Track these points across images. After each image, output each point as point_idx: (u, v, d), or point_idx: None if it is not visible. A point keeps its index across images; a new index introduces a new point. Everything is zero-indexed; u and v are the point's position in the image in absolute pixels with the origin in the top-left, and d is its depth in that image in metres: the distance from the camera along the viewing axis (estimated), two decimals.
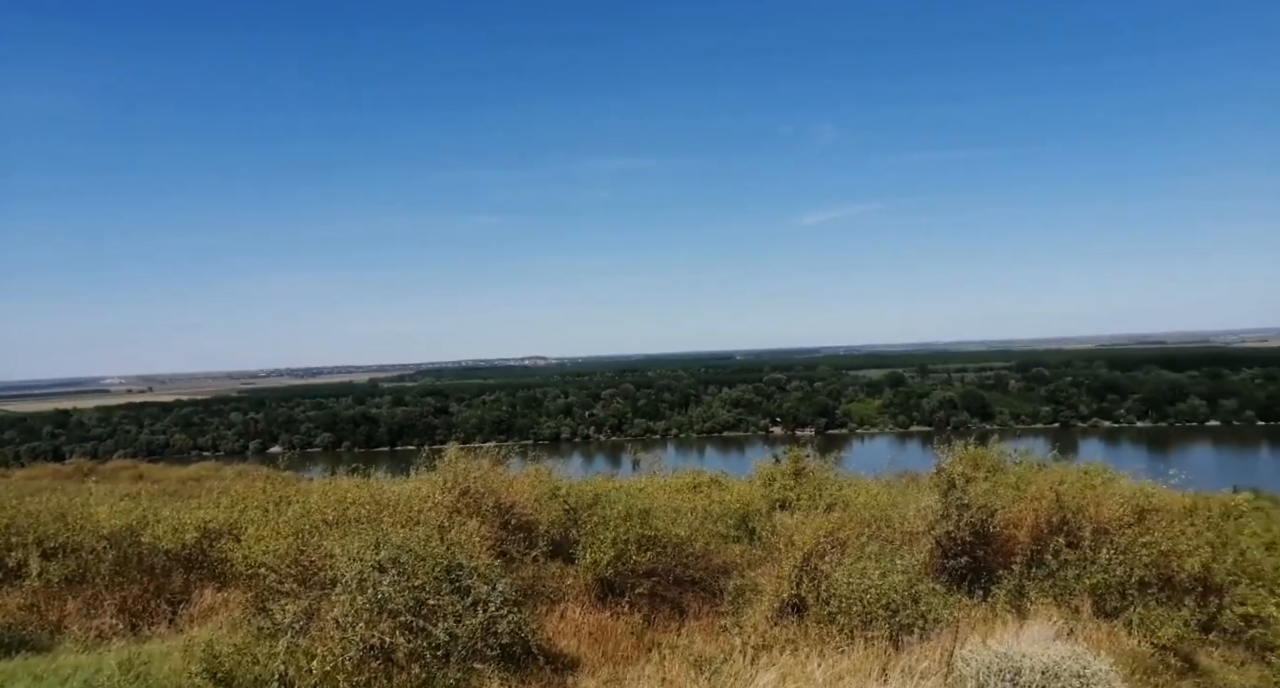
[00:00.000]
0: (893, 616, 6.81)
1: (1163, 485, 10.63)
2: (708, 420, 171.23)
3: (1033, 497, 10.32)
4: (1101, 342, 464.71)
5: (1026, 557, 9.23)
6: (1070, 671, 4.85)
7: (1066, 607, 7.91)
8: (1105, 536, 9.10)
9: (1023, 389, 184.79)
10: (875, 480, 19.43)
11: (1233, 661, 7.32)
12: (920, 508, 10.94)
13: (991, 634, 6.35)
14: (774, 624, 8.34)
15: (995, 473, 12.69)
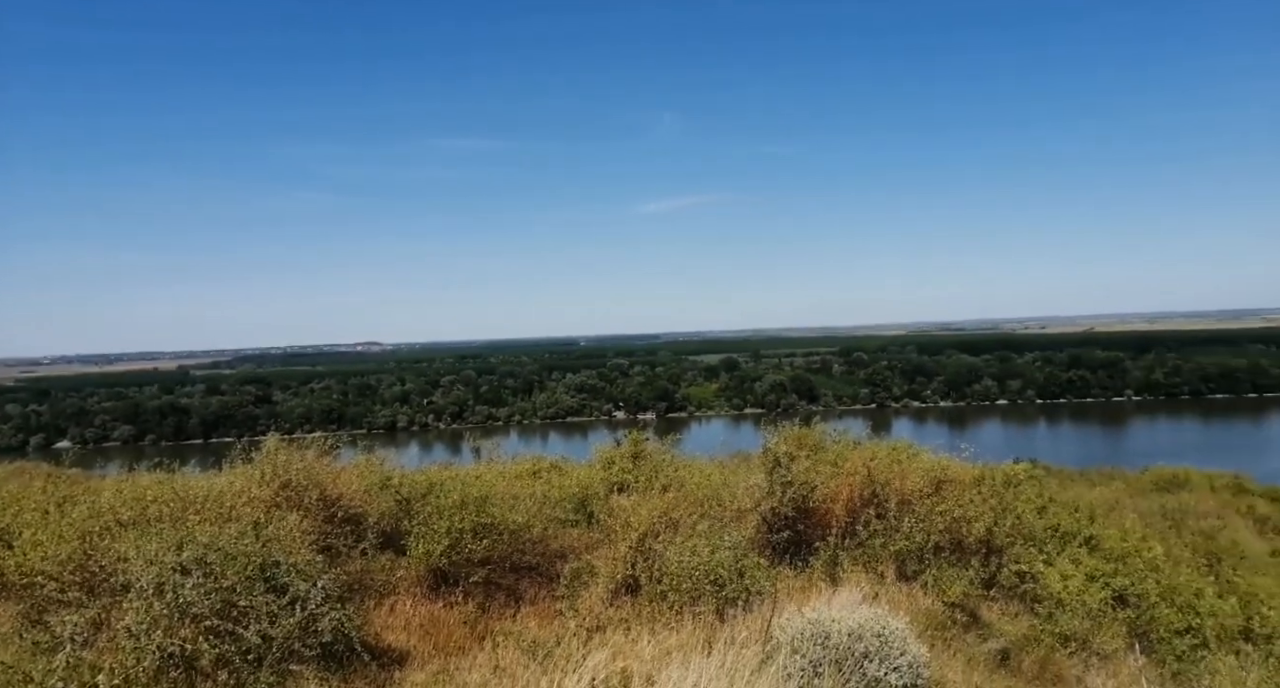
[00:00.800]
0: (719, 590, 7.12)
1: (956, 459, 11.78)
2: (551, 406, 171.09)
3: (848, 472, 11.11)
4: (912, 328, 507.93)
5: (841, 528, 9.95)
6: (872, 631, 5.29)
7: (874, 573, 8.61)
8: (908, 506, 9.98)
9: (844, 373, 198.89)
10: (710, 461, 20.23)
11: (1008, 613, 8.28)
12: (748, 486, 11.51)
13: (807, 602, 6.79)
14: (609, 605, 8.49)
15: (817, 451, 13.53)
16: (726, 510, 11.16)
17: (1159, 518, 20.11)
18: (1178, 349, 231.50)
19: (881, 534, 9.39)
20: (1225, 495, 28.65)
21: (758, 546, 9.73)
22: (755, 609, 6.67)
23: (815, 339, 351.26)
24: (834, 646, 5.25)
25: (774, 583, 7.43)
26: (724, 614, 6.75)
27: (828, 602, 6.60)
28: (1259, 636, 9.58)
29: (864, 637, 5.24)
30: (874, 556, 8.98)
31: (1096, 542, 12.09)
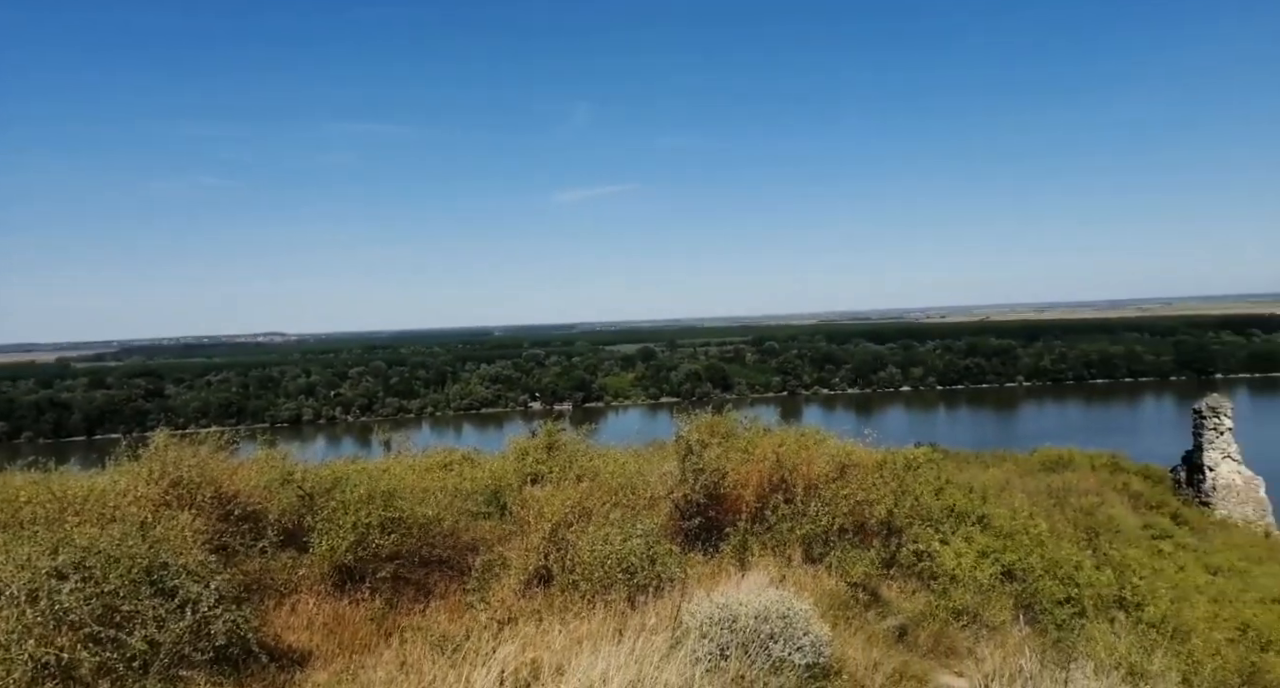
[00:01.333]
0: (631, 578, 7.17)
1: (860, 444, 12.21)
2: (465, 398, 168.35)
3: (758, 459, 11.37)
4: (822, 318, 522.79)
5: (751, 513, 10.17)
6: (777, 613, 5.44)
7: (782, 556, 8.85)
8: (815, 490, 10.29)
9: (757, 361, 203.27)
10: (626, 450, 20.34)
11: (907, 590, 8.67)
12: (662, 474, 11.64)
13: (717, 587, 6.92)
14: (522, 597, 8.44)
15: (728, 439, 13.78)
16: (640, 499, 11.24)
17: (1045, 496, 21.40)
18: (1063, 337, 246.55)
19: (789, 519, 9.64)
20: (1104, 474, 30.76)
21: (670, 533, 9.84)
22: (666, 596, 6.75)
23: (730, 328, 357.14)
24: (741, 629, 5.37)
25: (684, 569, 7.54)
26: (635, 602, 6.81)
27: (736, 586, 6.74)
28: (1130, 603, 10.35)
29: (769, 619, 5.38)
30: (782, 539, 9.22)
31: (988, 520, 12.78)
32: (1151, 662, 6.67)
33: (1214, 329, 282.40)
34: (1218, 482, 34.55)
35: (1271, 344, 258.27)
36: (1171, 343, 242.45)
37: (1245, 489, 34.72)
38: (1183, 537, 21.65)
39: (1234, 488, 34.57)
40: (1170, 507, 27.88)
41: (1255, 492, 34.76)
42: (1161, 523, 23.13)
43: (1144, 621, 9.57)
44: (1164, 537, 20.46)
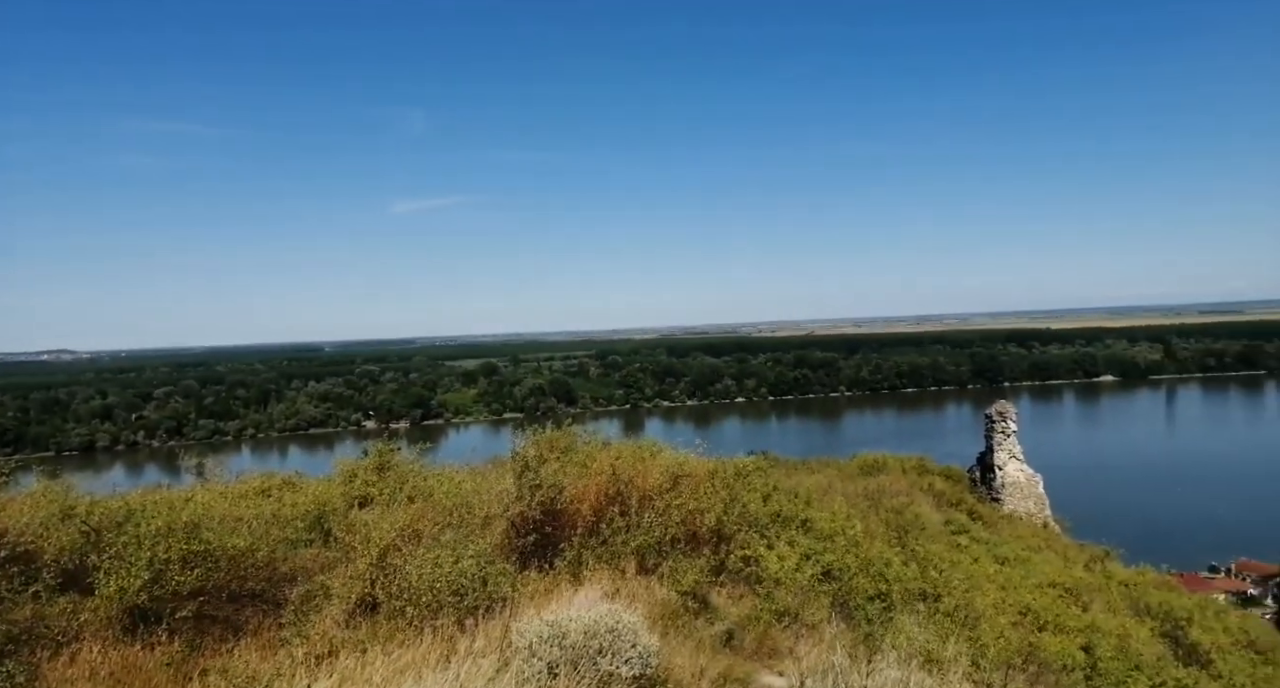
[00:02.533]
0: (461, 601, 6.98)
1: (693, 454, 12.60)
2: (292, 417, 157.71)
3: (595, 473, 11.44)
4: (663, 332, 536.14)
5: (587, 528, 10.21)
6: (606, 626, 5.48)
7: (616, 569, 8.93)
8: (649, 502, 10.49)
9: (601, 375, 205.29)
10: (463, 469, 19.82)
11: (735, 596, 9.02)
12: (498, 492, 11.43)
13: (550, 605, 6.87)
14: (345, 628, 7.98)
15: (567, 453, 13.78)
16: (476, 518, 10.99)
17: (862, 499, 22.98)
18: (879, 350, 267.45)
19: (624, 531, 9.76)
20: (913, 476, 33.55)
21: (505, 551, 9.68)
22: (498, 617, 6.62)
23: (574, 343, 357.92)
24: (570, 645, 5.36)
25: (517, 588, 7.44)
26: (465, 625, 6.63)
27: (569, 602, 6.73)
28: (931, 595, 11.32)
29: (598, 634, 5.41)
30: (617, 552, 9.32)
31: (811, 524, 13.55)
32: (945, 648, 7.32)
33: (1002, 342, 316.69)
34: (1006, 480, 38.68)
35: (1048, 356, 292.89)
36: (968, 355, 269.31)
37: (1028, 486, 39.10)
38: (977, 531, 23.96)
39: (1019, 485, 38.84)
40: (967, 504, 30.83)
41: (1036, 488, 39.23)
42: (960, 519, 25.47)
43: (941, 611, 10.49)
44: (961, 532, 22.55)
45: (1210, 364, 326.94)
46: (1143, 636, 14.51)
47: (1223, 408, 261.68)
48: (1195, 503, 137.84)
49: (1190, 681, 11.26)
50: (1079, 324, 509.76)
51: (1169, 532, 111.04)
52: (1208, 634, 15.68)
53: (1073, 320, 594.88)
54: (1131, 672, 10.59)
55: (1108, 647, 12.02)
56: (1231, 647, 15.53)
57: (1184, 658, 14.23)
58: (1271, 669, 15.15)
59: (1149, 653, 13.13)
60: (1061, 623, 13.58)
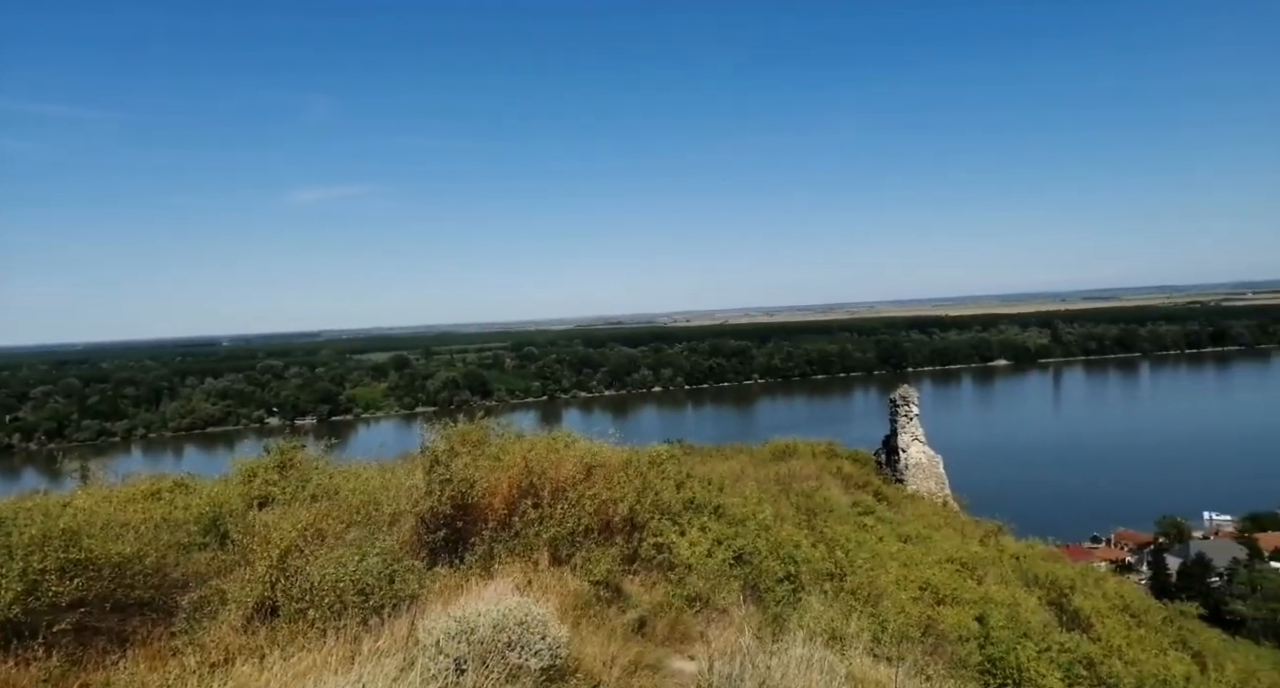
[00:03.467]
0: (366, 600, 6.79)
1: (607, 444, 12.61)
2: (187, 416, 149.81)
3: (508, 466, 11.30)
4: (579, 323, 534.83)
5: (499, 521, 10.09)
6: (515, 620, 5.43)
7: (529, 562, 8.87)
8: (562, 493, 10.44)
9: (517, 367, 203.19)
10: (373, 465, 19.27)
11: (648, 583, 9.10)
12: (407, 487, 11.17)
13: (459, 600, 6.76)
14: (243, 634, 7.64)
15: (479, 447, 13.58)
16: (383, 515, 10.71)
17: (773, 483, 23.55)
18: (789, 338, 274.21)
19: (537, 523, 9.70)
20: (822, 460, 34.62)
21: (414, 548, 9.47)
22: (405, 615, 6.47)
23: (489, 334, 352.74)
24: (479, 640, 5.29)
25: (424, 585, 7.29)
26: (371, 625, 6.45)
27: (479, 596, 6.63)
28: (837, 574, 11.72)
29: (507, 627, 5.36)
30: (529, 544, 9.25)
31: (723, 510, 13.79)
32: (849, 625, 7.58)
33: (905, 330, 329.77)
34: (909, 461, 40.41)
35: (947, 342, 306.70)
36: (874, 342, 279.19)
37: (929, 466, 40.97)
38: (882, 511, 24.93)
39: (921, 466, 40.64)
40: (874, 485, 32.04)
41: (936, 468, 41.15)
42: (866, 500, 26.45)
43: (845, 589, 10.88)
44: (868, 512, 23.41)
45: (1092, 347, 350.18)
46: (1031, 604, 15.44)
47: (1102, 389, 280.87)
48: (1079, 478, 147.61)
49: (1072, 644, 12.04)
50: (975, 311, 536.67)
51: (1056, 506, 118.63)
52: (1089, 600, 16.82)
53: (970, 308, 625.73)
54: (1020, 639, 11.25)
55: (1000, 616, 12.72)
56: (1109, 611, 16.71)
57: (1067, 623, 15.22)
58: (1144, 631, 16.39)
59: (1036, 620, 13.98)
60: (958, 596, 14.28)
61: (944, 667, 9.24)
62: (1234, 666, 17.08)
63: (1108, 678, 11.10)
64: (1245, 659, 20.67)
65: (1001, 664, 10.41)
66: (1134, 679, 11.19)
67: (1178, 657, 14.53)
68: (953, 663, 9.91)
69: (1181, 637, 17.56)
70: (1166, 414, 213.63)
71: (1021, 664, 10.30)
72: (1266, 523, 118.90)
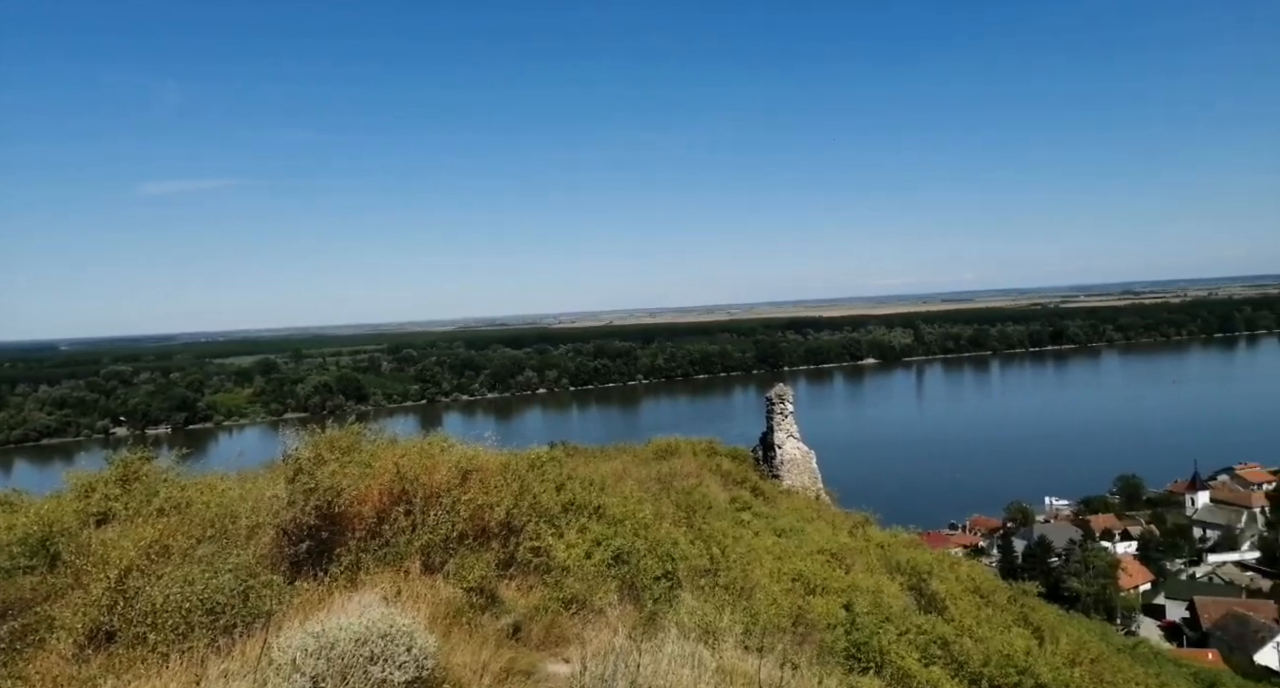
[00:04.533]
0: (216, 620, 6.34)
1: (484, 447, 12.37)
2: (18, 427, 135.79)
3: (379, 472, 10.88)
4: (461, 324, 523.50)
5: (368, 530, 9.69)
6: (378, 632, 5.21)
7: (399, 571, 8.56)
8: (437, 499, 10.15)
9: (394, 370, 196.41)
10: (232, 476, 18.11)
11: (525, 588, 8.98)
12: (267, 498, 10.54)
13: (325, 614, 6.44)
14: (76, 664, 6.97)
15: (349, 453, 13.00)
16: (240, 528, 10.06)
17: (654, 482, 23.82)
18: (673, 339, 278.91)
19: (409, 531, 9.39)
20: (703, 457, 35.31)
21: (274, 562, 8.94)
22: (257, 633, 6.09)
23: (364, 336, 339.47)
24: (339, 655, 5.04)
25: (283, 601, 6.89)
26: (219, 646, 6.03)
27: (342, 609, 6.33)
28: (712, 570, 11.98)
29: (370, 640, 5.14)
30: (400, 553, 8.93)
31: (603, 510, 13.80)
32: (722, 619, 7.75)
33: (782, 330, 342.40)
34: (784, 457, 41.91)
35: (821, 342, 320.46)
36: (753, 342, 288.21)
37: (803, 461, 42.64)
38: (759, 507, 25.71)
39: (796, 461, 42.24)
40: (751, 481, 32.99)
41: (810, 463, 42.87)
42: (744, 496, 27.20)
43: (720, 584, 11.13)
44: (745, 508, 24.08)
45: (950, 346, 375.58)
46: (893, 590, 16.34)
47: (959, 385, 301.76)
48: (940, 469, 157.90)
49: (929, 626, 12.83)
50: (846, 312, 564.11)
51: (919, 496, 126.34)
52: (944, 584, 17.99)
53: (841, 309, 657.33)
54: (883, 623, 11.86)
55: (865, 603, 13.37)
56: (962, 593, 17.94)
57: (925, 606, 16.21)
58: (991, 610, 17.69)
59: (897, 605, 14.80)
60: (828, 585, 14.89)
61: (812, 654, 9.62)
62: (1067, 638, 18.71)
63: (959, 656, 11.88)
64: (1078, 631, 22.69)
65: (865, 649, 10.93)
66: (982, 656, 12.03)
67: (1020, 633, 15.76)
68: (821, 650, 10.33)
69: (1023, 614, 19.08)
70: (1014, 408, 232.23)
71: (883, 648, 10.86)
72: (1098, 506, 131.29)
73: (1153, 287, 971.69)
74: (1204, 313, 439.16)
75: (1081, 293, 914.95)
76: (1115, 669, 19.07)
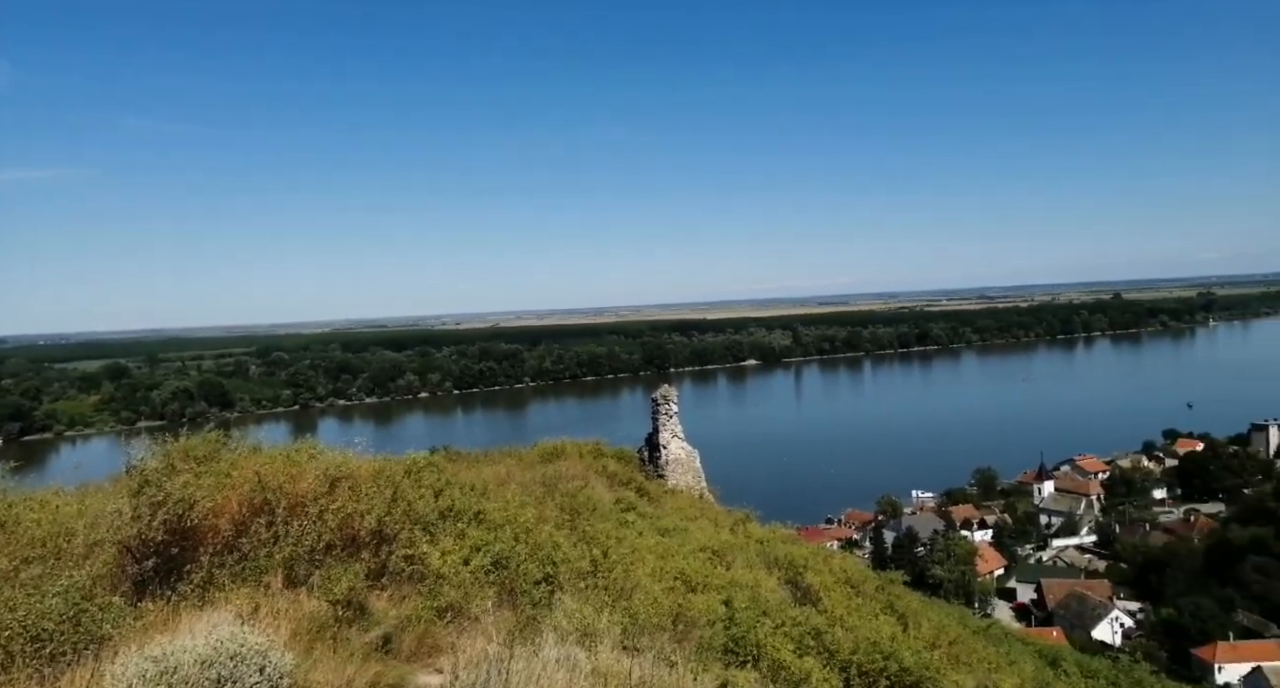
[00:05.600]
0: (41, 648, 5.74)
1: (356, 454, 11.86)
2: None
3: (237, 482, 10.21)
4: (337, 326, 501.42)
5: (225, 543, 9.07)
6: (228, 652, 4.86)
7: (259, 586, 8.05)
8: (302, 508, 9.62)
9: (264, 374, 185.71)
10: (70, 491, 16.56)
11: (397, 598, 8.64)
12: (108, 513, 9.69)
13: (161, 637, 5.95)
14: None
15: (207, 463, 12.16)
16: (77, 546, 9.19)
17: (539, 486, 23.57)
18: (560, 341, 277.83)
19: (271, 543, 8.85)
20: (589, 459, 35.26)
21: (115, 582, 8.22)
22: (89, 661, 5.56)
23: (229, 339, 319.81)
24: (183, 679, 4.66)
25: (120, 624, 6.33)
26: (46, 676, 5.46)
27: (189, 631, 5.87)
28: (593, 572, 11.94)
29: (218, 662, 4.78)
30: (260, 567, 8.40)
31: (484, 515, 13.51)
32: (601, 620, 7.72)
33: (668, 332, 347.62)
34: (669, 457, 42.52)
35: (705, 343, 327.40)
36: (640, 344, 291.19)
37: (688, 461, 43.39)
38: (643, 507, 25.92)
39: (680, 461, 42.93)
40: (637, 482, 33.23)
41: (694, 463, 43.68)
42: (629, 497, 27.35)
43: (601, 585, 11.12)
44: (630, 509, 24.21)
45: (825, 348, 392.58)
46: (770, 585, 16.83)
47: (835, 385, 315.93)
48: (816, 465, 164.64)
49: (803, 617, 13.29)
50: (729, 315, 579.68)
51: (798, 492, 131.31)
52: (818, 577, 18.69)
53: (725, 311, 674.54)
54: (760, 617, 12.18)
55: (743, 598, 13.68)
56: (834, 585, 18.69)
57: (800, 599, 16.79)
58: (861, 600, 18.53)
59: (774, 599, 15.25)
60: (709, 582, 15.15)
61: (690, 651, 9.75)
62: (928, 623, 19.86)
63: (831, 645, 12.36)
64: (938, 616, 24.13)
65: (743, 643, 11.18)
66: (851, 644, 12.56)
67: (886, 620, 16.58)
68: (700, 646, 10.48)
69: (890, 602, 20.09)
70: (884, 406, 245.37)
71: (760, 641, 11.14)
72: (959, 497, 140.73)
73: (1005, 292, 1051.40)
74: (1048, 316, 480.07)
75: (944, 297, 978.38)
76: (970, 650, 20.40)
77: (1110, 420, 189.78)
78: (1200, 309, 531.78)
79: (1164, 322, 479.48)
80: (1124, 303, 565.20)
